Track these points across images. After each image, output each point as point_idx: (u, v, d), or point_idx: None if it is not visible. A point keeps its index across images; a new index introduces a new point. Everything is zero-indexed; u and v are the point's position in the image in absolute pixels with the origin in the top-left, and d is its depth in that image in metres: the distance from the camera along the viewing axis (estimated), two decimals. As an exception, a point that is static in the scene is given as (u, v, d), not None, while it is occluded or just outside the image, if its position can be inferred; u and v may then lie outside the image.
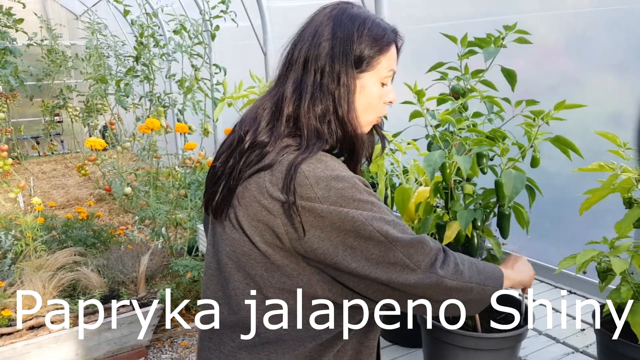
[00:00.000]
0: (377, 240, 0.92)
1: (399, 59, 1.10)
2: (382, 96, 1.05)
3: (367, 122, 1.06)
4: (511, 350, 1.43)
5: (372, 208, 0.94)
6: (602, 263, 1.43)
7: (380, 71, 1.02)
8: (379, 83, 1.03)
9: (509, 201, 1.30)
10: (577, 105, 1.31)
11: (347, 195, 0.92)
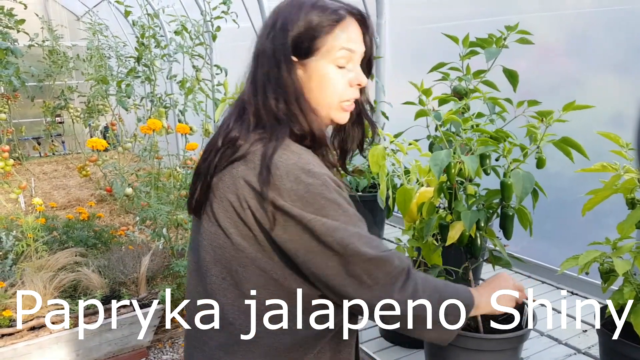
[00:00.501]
0: (335, 251, 0.91)
1: (369, 37, 1.04)
2: (340, 78, 0.99)
3: (332, 107, 1.01)
4: (513, 352, 1.42)
5: (337, 211, 0.92)
6: (605, 264, 1.43)
7: (330, 52, 0.98)
8: (333, 65, 0.99)
9: (520, 201, 1.29)
10: (585, 107, 1.30)
11: (315, 192, 0.90)
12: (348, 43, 0.98)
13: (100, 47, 6.10)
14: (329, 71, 0.98)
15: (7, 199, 4.50)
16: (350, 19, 1.00)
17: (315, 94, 0.99)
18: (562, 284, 2.34)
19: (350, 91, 1.01)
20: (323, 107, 1.00)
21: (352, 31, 1.00)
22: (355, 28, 1.01)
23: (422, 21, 3.23)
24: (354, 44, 0.99)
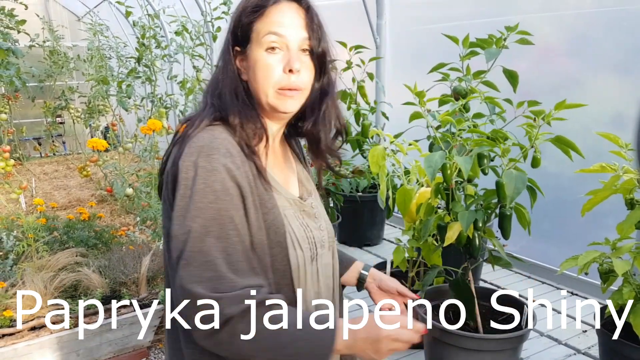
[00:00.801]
0: (175, 246, 0.88)
1: (316, 24, 1.00)
2: (273, 64, 0.95)
3: (268, 94, 0.96)
4: (513, 352, 1.42)
5: (206, 208, 0.87)
6: (604, 264, 1.43)
7: (259, 38, 0.95)
8: (263, 50, 0.95)
9: (511, 201, 1.29)
10: (577, 105, 1.30)
11: (199, 175, 0.88)
12: (276, 27, 0.95)
13: (101, 48, 6.10)
14: (260, 56, 0.95)
15: (8, 199, 4.51)
16: (285, 3, 0.97)
17: (252, 80, 0.98)
18: (562, 284, 2.34)
19: (285, 77, 0.95)
20: (262, 95, 0.97)
21: (285, 15, 0.96)
22: (290, 13, 0.97)
23: (422, 21, 3.24)
24: (285, 28, 0.95)
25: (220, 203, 0.87)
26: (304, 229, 1.00)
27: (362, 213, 2.63)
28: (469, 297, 1.49)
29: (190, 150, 0.90)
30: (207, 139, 0.92)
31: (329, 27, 1.08)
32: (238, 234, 0.88)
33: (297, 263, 0.96)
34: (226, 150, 0.91)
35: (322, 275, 1.03)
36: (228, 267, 0.86)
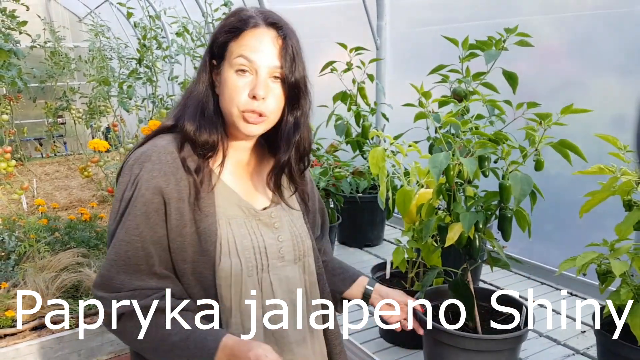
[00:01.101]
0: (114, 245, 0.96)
1: (289, 56, 1.01)
2: (240, 87, 0.97)
3: (233, 115, 0.99)
4: (511, 352, 1.43)
5: (119, 214, 0.96)
6: (602, 265, 1.44)
7: (231, 59, 0.98)
8: (233, 71, 0.98)
9: (518, 203, 1.30)
10: (583, 110, 1.31)
11: (123, 182, 0.97)
12: (248, 51, 0.96)
13: (102, 49, 6.12)
14: (229, 77, 0.98)
15: (10, 199, 4.52)
16: (263, 29, 0.99)
17: (221, 97, 1.01)
18: (561, 285, 2.35)
19: (249, 102, 0.97)
20: (227, 113, 1.00)
21: (259, 41, 0.98)
22: (265, 40, 0.98)
23: (423, 23, 3.25)
24: (256, 54, 0.97)
25: (131, 210, 0.94)
26: (252, 238, 1.01)
27: (362, 214, 2.63)
28: (468, 298, 1.50)
29: (131, 157, 0.99)
30: (147, 147, 0.99)
31: (329, 28, 1.10)
32: (142, 239, 0.93)
33: (229, 271, 0.97)
34: (158, 159, 0.96)
35: (278, 287, 1.04)
36: (123, 269, 0.93)
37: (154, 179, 0.95)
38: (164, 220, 0.95)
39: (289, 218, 1.11)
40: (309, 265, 1.12)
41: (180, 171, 0.97)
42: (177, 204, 0.96)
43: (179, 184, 0.96)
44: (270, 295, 1.03)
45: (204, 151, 1.00)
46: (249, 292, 1.00)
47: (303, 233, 1.12)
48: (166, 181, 0.95)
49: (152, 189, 0.94)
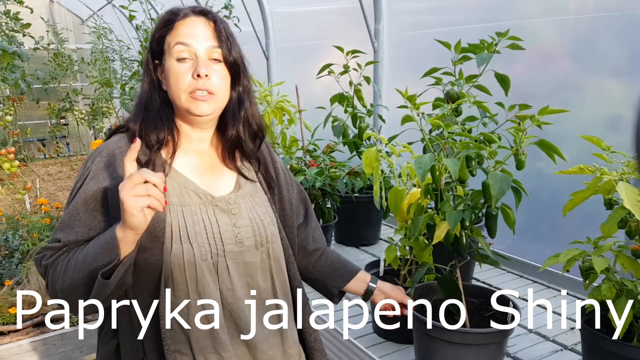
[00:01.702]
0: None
1: (224, 36, 1.08)
2: (183, 72, 1.05)
3: (181, 99, 1.06)
4: (498, 345, 1.48)
5: (76, 197, 1.04)
6: (586, 262, 1.48)
7: (170, 49, 1.06)
8: (174, 59, 1.05)
9: (496, 201, 1.35)
10: (560, 111, 1.36)
11: (79, 174, 1.08)
12: (184, 38, 1.05)
13: (105, 51, 6.18)
14: (172, 66, 1.06)
15: (13, 199, 4.58)
16: (193, 17, 1.07)
17: (168, 88, 1.08)
18: (553, 283, 2.39)
19: (193, 82, 1.04)
20: (177, 100, 1.07)
21: (192, 28, 1.06)
22: (197, 25, 1.06)
23: (420, 26, 3.29)
24: (191, 39, 1.05)
25: (76, 197, 1.03)
26: (205, 224, 1.07)
27: (358, 213, 2.68)
28: (457, 294, 1.55)
29: (93, 152, 1.10)
30: (103, 145, 1.09)
31: (328, 31, 1.16)
32: (80, 224, 1.02)
33: (181, 257, 1.02)
34: (107, 152, 1.07)
35: (235, 272, 1.08)
36: (61, 246, 1.02)
37: (99, 172, 1.04)
38: (104, 207, 1.03)
39: (250, 205, 1.15)
40: (273, 251, 1.15)
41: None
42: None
43: (123, 176, 1.01)
44: (227, 279, 1.08)
45: (154, 144, 1.08)
46: (205, 276, 1.05)
47: (266, 220, 1.15)
48: (110, 173, 1.04)
49: (95, 180, 1.03)
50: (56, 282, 0.99)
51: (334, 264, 1.35)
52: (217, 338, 1.06)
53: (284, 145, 2.88)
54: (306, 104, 2.97)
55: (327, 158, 2.68)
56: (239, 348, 1.10)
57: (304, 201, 1.35)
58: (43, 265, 1.01)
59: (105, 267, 0.93)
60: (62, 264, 0.99)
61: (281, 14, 4.49)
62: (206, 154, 1.16)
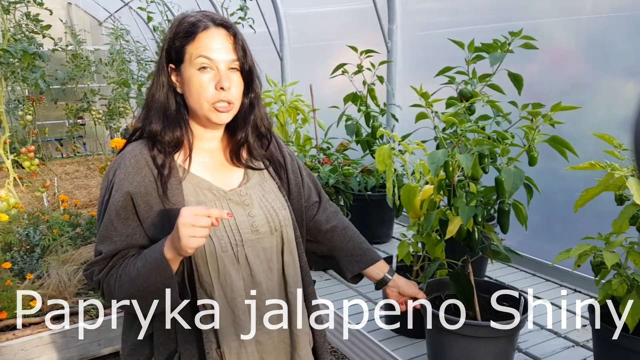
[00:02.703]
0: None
1: (240, 46, 1.13)
2: (205, 83, 1.10)
3: (204, 108, 1.11)
4: (508, 339, 1.50)
5: (100, 215, 1.12)
6: (597, 257, 1.50)
7: (192, 60, 1.10)
8: (195, 70, 1.10)
9: (509, 196, 1.37)
10: (572, 107, 1.38)
11: (104, 186, 1.13)
12: (204, 51, 1.09)
13: (122, 52, 6.28)
14: (193, 75, 1.11)
15: (33, 197, 4.68)
16: (214, 29, 1.11)
17: (187, 95, 1.13)
18: (565, 282, 2.40)
19: (216, 94, 1.10)
20: (198, 108, 1.12)
21: (214, 41, 1.10)
22: (219, 39, 1.11)
23: (434, 27, 3.31)
24: (214, 52, 1.10)
25: (107, 210, 1.09)
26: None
27: (371, 211, 2.71)
28: (468, 288, 1.57)
29: (113, 163, 1.15)
30: (120, 155, 1.15)
31: (340, 32, 1.21)
32: (117, 233, 1.09)
33: (203, 250, 1.10)
34: (124, 164, 1.12)
35: (255, 258, 1.16)
36: (104, 257, 1.10)
37: (122, 182, 1.09)
38: (134, 214, 1.09)
39: (260, 193, 1.22)
40: (287, 234, 1.22)
41: (145, 169, 1.10)
42: (145, 198, 1.09)
43: (144, 180, 1.10)
44: (247, 267, 1.15)
45: (169, 148, 1.14)
46: (226, 266, 1.12)
47: (277, 205, 1.22)
48: (130, 181, 1.09)
49: (120, 191, 1.09)
50: (112, 294, 1.08)
51: (354, 249, 1.41)
52: (239, 325, 1.13)
53: (298, 143, 2.92)
54: (319, 104, 3.01)
55: (341, 156, 2.72)
56: (260, 333, 1.16)
57: (314, 182, 1.43)
58: (95, 281, 1.10)
59: (159, 284, 1.03)
60: (114, 278, 1.08)
61: (294, 15, 4.54)
62: (216, 152, 1.23)
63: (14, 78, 4.58)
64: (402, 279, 1.43)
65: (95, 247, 1.12)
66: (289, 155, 1.34)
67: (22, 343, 2.56)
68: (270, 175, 1.27)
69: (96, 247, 1.11)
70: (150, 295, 1.04)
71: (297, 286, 1.24)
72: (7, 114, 5.56)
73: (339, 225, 1.42)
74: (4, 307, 2.65)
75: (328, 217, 1.41)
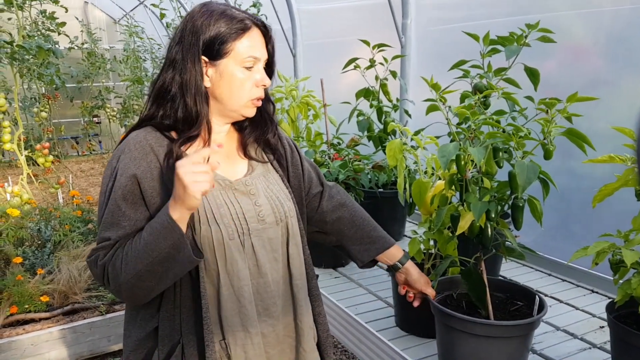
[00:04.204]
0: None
1: (271, 45, 1.18)
2: (247, 80, 1.12)
3: (241, 104, 1.14)
4: (522, 339, 1.45)
5: (104, 203, 1.09)
6: (616, 255, 1.44)
7: (238, 57, 1.11)
8: (240, 67, 1.12)
9: (522, 191, 1.32)
10: (589, 98, 1.33)
11: (108, 174, 1.10)
12: (253, 51, 1.12)
13: (136, 50, 6.32)
14: (237, 73, 1.12)
15: (47, 193, 4.72)
16: (255, 29, 1.13)
17: (224, 90, 1.13)
18: (582, 282, 2.34)
19: (256, 90, 1.14)
20: (233, 103, 1.14)
21: (257, 40, 1.13)
22: (259, 37, 1.14)
23: (448, 21, 3.26)
24: (258, 51, 1.13)
25: (113, 196, 1.07)
26: (229, 206, 1.13)
27: (382, 209, 2.66)
28: (481, 287, 1.52)
29: (114, 152, 1.14)
30: (122, 143, 1.14)
31: (352, 28, 1.22)
32: (125, 217, 1.06)
33: (210, 237, 1.09)
34: (129, 149, 1.10)
35: (261, 248, 1.15)
36: (112, 243, 1.07)
37: (127, 167, 1.08)
38: (141, 198, 1.08)
39: (264, 184, 1.21)
40: (292, 225, 1.22)
41: (151, 155, 1.09)
42: (151, 183, 1.08)
43: (150, 166, 1.09)
44: (253, 256, 1.14)
45: (188, 141, 1.13)
46: (233, 254, 1.11)
47: (282, 196, 1.22)
48: (137, 165, 1.08)
49: (126, 175, 1.07)
50: (118, 276, 1.04)
51: (362, 238, 1.44)
52: (245, 315, 1.12)
53: (309, 139, 2.89)
54: (332, 101, 2.98)
55: (352, 152, 2.68)
56: (265, 325, 1.16)
57: (316, 172, 1.43)
58: (100, 266, 1.07)
59: (169, 249, 1.00)
60: (119, 258, 1.04)
61: (307, 11, 4.51)
62: (224, 143, 1.23)
63: (30, 75, 4.63)
64: (414, 271, 1.50)
65: (99, 234, 1.09)
66: (289, 146, 1.33)
67: (32, 338, 2.56)
68: (273, 167, 1.28)
69: (101, 233, 1.08)
70: (159, 265, 1.01)
71: (302, 279, 1.23)
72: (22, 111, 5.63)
73: (345, 215, 1.42)
74: (14, 302, 2.66)
75: (334, 207, 1.42)
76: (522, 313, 1.55)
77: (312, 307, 1.26)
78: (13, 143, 3.84)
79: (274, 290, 1.17)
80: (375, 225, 1.48)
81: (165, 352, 1.11)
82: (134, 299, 1.10)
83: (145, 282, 1.04)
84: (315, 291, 1.28)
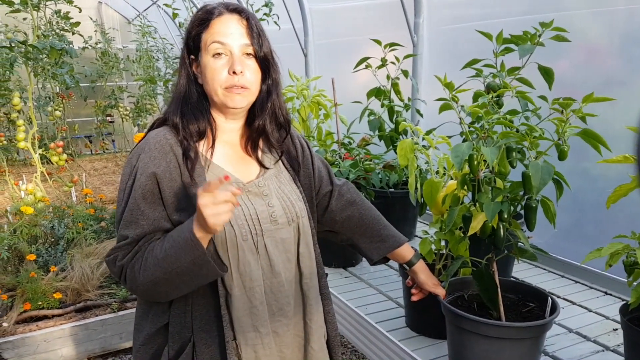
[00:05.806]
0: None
1: (255, 32, 1.14)
2: (219, 68, 1.11)
3: (218, 93, 1.13)
4: (534, 341, 1.43)
5: (124, 200, 1.10)
6: (630, 257, 1.42)
7: (206, 47, 1.12)
8: (210, 56, 1.12)
9: (537, 192, 1.31)
10: (605, 99, 1.31)
11: (125, 173, 1.12)
12: (220, 37, 1.11)
13: (149, 49, 6.36)
14: (208, 62, 1.12)
15: (61, 192, 4.76)
16: (227, 15, 1.12)
17: (206, 83, 1.14)
18: (596, 284, 2.31)
19: (229, 78, 1.11)
20: (213, 94, 1.14)
21: (227, 26, 1.11)
22: (232, 24, 1.12)
23: (460, 20, 3.23)
24: (227, 37, 1.11)
25: (133, 194, 1.08)
26: (242, 208, 1.13)
27: (393, 209, 2.65)
28: (492, 288, 1.51)
29: (131, 152, 1.15)
30: (142, 141, 1.14)
31: (363, 28, 1.20)
32: (144, 217, 1.07)
33: (224, 238, 1.10)
34: (149, 148, 1.11)
35: (274, 249, 1.15)
36: (130, 242, 1.08)
37: (147, 166, 1.09)
38: (159, 198, 1.09)
39: (276, 185, 1.22)
40: (303, 225, 1.22)
41: (170, 154, 1.11)
42: (170, 183, 1.09)
43: (169, 165, 1.10)
44: (266, 256, 1.14)
45: (194, 137, 1.15)
46: (246, 255, 1.11)
47: (293, 197, 1.23)
48: (156, 165, 1.09)
49: (146, 174, 1.08)
50: (136, 278, 1.06)
51: (372, 237, 1.44)
52: (256, 315, 1.13)
53: (320, 138, 2.88)
54: (343, 100, 2.97)
55: (362, 151, 2.67)
56: (279, 325, 1.17)
57: (327, 170, 1.43)
58: (118, 266, 1.09)
59: (189, 264, 1.01)
60: (139, 262, 1.06)
61: (319, 11, 4.51)
62: (236, 144, 1.24)
63: (44, 75, 4.68)
64: (424, 272, 1.52)
65: (118, 233, 1.11)
66: (301, 145, 1.33)
67: (44, 334, 2.59)
68: (285, 167, 1.28)
69: (120, 232, 1.10)
70: (177, 276, 1.03)
71: (312, 278, 1.23)
72: (36, 110, 5.69)
73: (354, 214, 1.42)
74: (28, 299, 2.69)
75: (343, 205, 1.42)
76: (534, 315, 1.54)
77: (322, 306, 1.26)
78: (27, 141, 3.88)
79: (288, 290, 1.17)
80: (385, 223, 1.48)
81: (175, 349, 1.12)
82: (149, 299, 1.13)
83: (162, 288, 1.06)
84: (325, 290, 1.28)
